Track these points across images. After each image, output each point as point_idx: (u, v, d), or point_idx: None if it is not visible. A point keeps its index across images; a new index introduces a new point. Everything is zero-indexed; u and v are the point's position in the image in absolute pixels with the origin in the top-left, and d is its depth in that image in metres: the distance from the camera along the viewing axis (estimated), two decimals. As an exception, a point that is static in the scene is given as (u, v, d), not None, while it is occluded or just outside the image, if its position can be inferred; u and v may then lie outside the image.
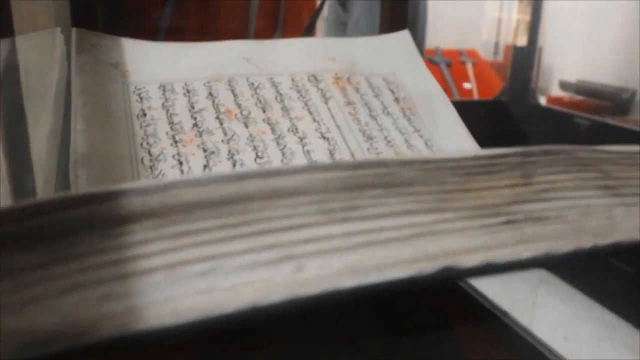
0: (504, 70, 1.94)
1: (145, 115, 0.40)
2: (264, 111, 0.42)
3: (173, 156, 0.37)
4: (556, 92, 2.31)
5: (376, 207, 0.14)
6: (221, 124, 0.40)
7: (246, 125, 0.40)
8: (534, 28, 1.64)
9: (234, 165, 0.37)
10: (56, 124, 0.45)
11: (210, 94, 0.42)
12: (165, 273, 0.13)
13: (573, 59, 2.39)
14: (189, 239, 0.13)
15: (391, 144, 0.42)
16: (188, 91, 0.42)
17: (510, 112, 1.66)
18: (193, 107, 0.41)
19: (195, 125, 0.40)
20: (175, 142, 0.38)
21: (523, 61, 1.69)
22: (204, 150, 0.38)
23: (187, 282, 0.13)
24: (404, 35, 0.54)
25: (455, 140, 0.45)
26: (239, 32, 2.07)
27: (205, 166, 0.37)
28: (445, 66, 2.07)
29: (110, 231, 0.13)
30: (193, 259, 0.13)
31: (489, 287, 0.49)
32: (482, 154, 0.17)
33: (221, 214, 0.13)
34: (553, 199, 0.16)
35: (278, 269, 0.13)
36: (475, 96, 2.01)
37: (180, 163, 0.36)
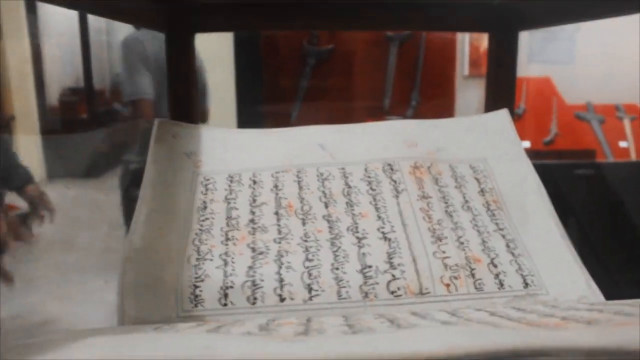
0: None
1: (205, 208, 0.40)
2: (327, 206, 0.40)
3: (220, 255, 0.36)
4: None
5: None
6: (278, 220, 0.39)
7: (304, 223, 0.38)
8: None
9: (280, 267, 0.35)
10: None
11: (276, 186, 0.41)
12: None
13: None
14: None
15: (463, 246, 0.38)
16: (254, 182, 0.42)
17: (675, 177, 1.44)
18: (255, 201, 0.40)
19: (251, 220, 0.39)
20: (227, 239, 0.37)
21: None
22: (253, 250, 0.36)
23: None
24: (502, 115, 0.49)
25: (547, 242, 0.39)
26: (377, 92, 2.09)
27: (250, 267, 0.35)
28: (598, 123, 1.88)
29: None
30: None
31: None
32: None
33: None
34: None
35: None
36: (633, 156, 1.79)
37: (225, 263, 0.35)
